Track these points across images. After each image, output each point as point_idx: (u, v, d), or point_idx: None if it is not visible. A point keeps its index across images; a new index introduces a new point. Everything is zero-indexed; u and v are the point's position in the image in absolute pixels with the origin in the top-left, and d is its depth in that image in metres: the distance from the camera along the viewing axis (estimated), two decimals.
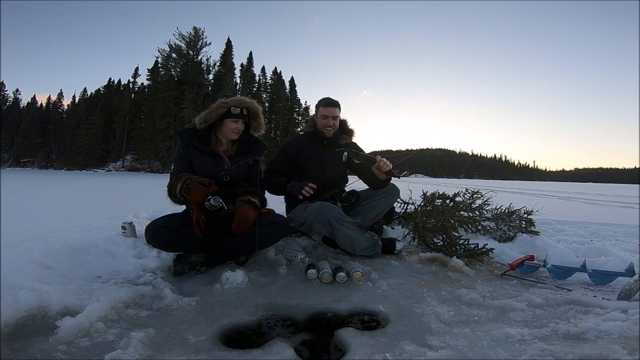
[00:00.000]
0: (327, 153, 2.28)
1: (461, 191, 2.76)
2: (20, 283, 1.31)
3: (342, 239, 2.00)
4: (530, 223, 2.79)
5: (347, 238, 1.99)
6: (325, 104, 2.28)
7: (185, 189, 1.69)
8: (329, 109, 2.26)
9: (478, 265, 2.03)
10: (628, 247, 2.47)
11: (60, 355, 1.00)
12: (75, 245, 1.85)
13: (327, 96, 2.33)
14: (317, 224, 2.03)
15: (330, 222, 1.97)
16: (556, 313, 1.36)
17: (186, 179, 1.72)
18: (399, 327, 1.24)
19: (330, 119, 2.26)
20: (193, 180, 1.70)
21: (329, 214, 1.98)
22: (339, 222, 1.98)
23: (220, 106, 1.85)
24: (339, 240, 2.02)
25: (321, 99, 2.34)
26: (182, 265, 1.74)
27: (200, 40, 32.36)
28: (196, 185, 1.69)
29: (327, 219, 1.98)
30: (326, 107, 2.27)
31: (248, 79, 40.80)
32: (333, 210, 2.01)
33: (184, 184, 1.70)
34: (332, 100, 2.28)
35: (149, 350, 1.04)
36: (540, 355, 1.02)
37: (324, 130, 2.29)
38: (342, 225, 1.98)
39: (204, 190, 1.70)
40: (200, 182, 1.70)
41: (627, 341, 1.05)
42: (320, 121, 2.29)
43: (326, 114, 2.26)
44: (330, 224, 1.98)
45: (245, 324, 1.25)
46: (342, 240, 2.01)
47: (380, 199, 2.25)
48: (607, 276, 1.73)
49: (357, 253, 2.03)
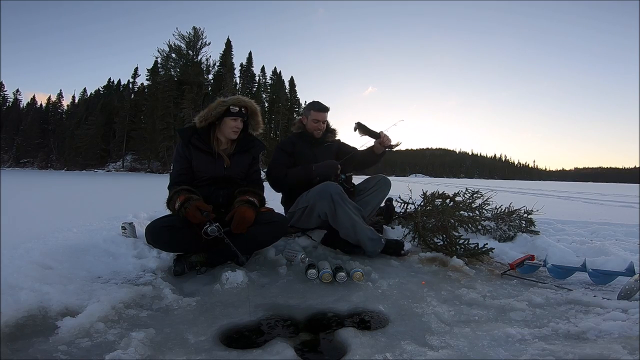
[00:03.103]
0: (317, 150, 2.40)
1: (461, 191, 2.76)
2: (20, 283, 1.31)
3: (344, 220, 1.97)
4: (531, 223, 2.79)
5: (349, 219, 1.97)
6: (318, 109, 2.40)
7: (183, 211, 1.69)
8: (321, 114, 2.40)
9: (478, 265, 2.03)
10: (628, 247, 2.47)
11: (61, 356, 1.00)
12: (75, 246, 1.85)
13: (317, 100, 2.45)
14: (320, 202, 2.01)
15: (333, 198, 1.96)
16: (556, 313, 1.36)
17: (185, 200, 1.70)
18: (399, 327, 1.24)
19: (320, 122, 2.41)
20: (191, 205, 1.68)
21: (332, 190, 1.98)
22: (342, 199, 1.98)
23: (220, 105, 1.88)
24: (341, 222, 1.99)
25: (313, 103, 2.44)
26: (182, 266, 1.74)
27: (200, 41, 32.35)
28: (194, 212, 1.67)
29: (330, 195, 1.97)
30: (318, 112, 2.40)
31: (248, 79, 40.84)
32: (336, 187, 2.01)
33: (182, 206, 1.69)
34: (323, 106, 2.42)
35: (149, 350, 1.04)
36: (540, 355, 1.01)
37: (314, 132, 2.42)
38: (345, 204, 1.97)
39: (201, 218, 1.68)
40: (198, 208, 1.68)
41: (627, 341, 1.05)
42: (311, 124, 2.41)
43: (317, 118, 2.40)
44: (333, 200, 1.96)
45: (245, 324, 1.25)
46: (344, 222, 1.98)
47: (373, 192, 2.31)
48: (607, 276, 1.73)
49: (360, 242, 2.01)
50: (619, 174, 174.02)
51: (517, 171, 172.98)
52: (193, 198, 1.73)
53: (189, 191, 1.78)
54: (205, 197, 1.84)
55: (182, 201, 1.71)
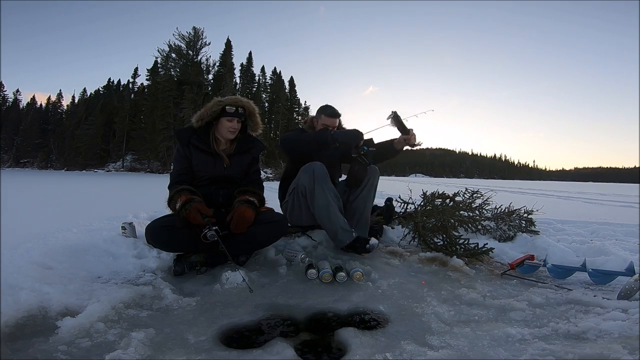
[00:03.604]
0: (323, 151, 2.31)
1: (461, 191, 2.76)
2: (20, 283, 1.31)
3: (320, 199, 1.97)
4: (530, 222, 2.79)
5: (325, 200, 1.96)
6: (329, 115, 2.33)
7: (184, 213, 1.69)
8: (331, 120, 2.32)
9: (478, 265, 2.03)
10: (628, 247, 2.47)
11: (61, 356, 1.00)
12: (75, 246, 1.85)
13: (330, 105, 2.38)
14: (302, 176, 2.03)
15: (315, 174, 1.97)
16: (556, 312, 1.36)
17: (186, 201, 1.70)
18: (399, 326, 1.24)
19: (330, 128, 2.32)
20: (192, 207, 1.68)
21: (316, 167, 1.99)
22: (324, 180, 1.98)
23: (216, 104, 1.87)
24: (316, 202, 1.98)
25: (325, 108, 2.37)
26: (182, 266, 1.73)
27: (199, 40, 32.32)
28: (195, 214, 1.67)
29: (313, 170, 1.98)
30: (329, 117, 2.32)
31: (248, 79, 40.82)
32: (322, 167, 2.01)
33: (183, 207, 1.69)
34: (335, 112, 2.35)
35: (149, 350, 1.04)
36: (540, 354, 1.02)
37: None
38: (325, 184, 1.97)
39: (202, 222, 1.67)
40: (199, 211, 1.68)
41: (627, 341, 1.05)
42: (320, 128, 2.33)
43: (327, 124, 2.31)
44: (314, 176, 1.97)
45: (245, 324, 1.26)
46: (320, 201, 1.97)
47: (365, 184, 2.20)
48: (607, 276, 1.73)
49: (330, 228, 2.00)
50: (619, 174, 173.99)
51: (517, 171, 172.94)
52: (195, 200, 1.72)
53: (190, 192, 1.78)
54: (205, 196, 1.84)
55: (183, 202, 1.71)
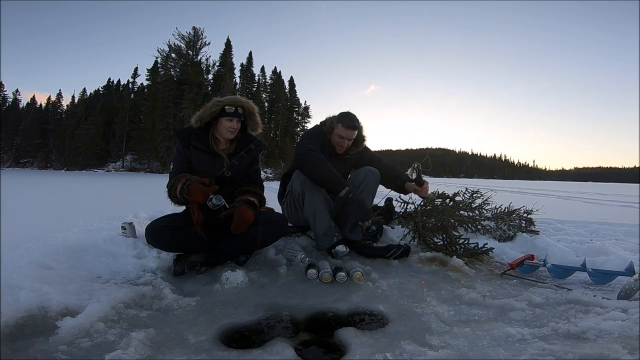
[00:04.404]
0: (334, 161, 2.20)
1: (461, 190, 2.76)
2: (20, 283, 1.31)
3: (307, 207, 2.04)
4: (530, 222, 2.79)
5: (312, 208, 2.02)
6: (347, 126, 2.14)
7: (186, 190, 1.69)
8: (348, 132, 2.15)
9: (478, 265, 2.03)
10: (628, 247, 2.47)
11: (61, 356, 1.00)
12: (75, 246, 1.85)
13: (350, 115, 2.20)
14: (295, 179, 2.09)
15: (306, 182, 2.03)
16: (556, 312, 1.36)
17: (186, 180, 1.72)
18: (399, 326, 1.24)
19: (346, 140, 2.18)
20: (193, 181, 1.70)
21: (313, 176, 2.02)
22: (313, 185, 2.03)
23: (215, 104, 1.87)
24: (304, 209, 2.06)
25: (343, 117, 2.18)
26: (182, 265, 1.74)
27: (199, 40, 32.33)
28: (196, 186, 1.69)
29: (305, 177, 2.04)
30: (346, 129, 2.14)
31: (248, 79, 40.80)
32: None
33: (184, 185, 1.70)
34: (353, 124, 2.16)
35: (149, 350, 1.04)
36: (540, 354, 1.02)
37: (336, 146, 2.23)
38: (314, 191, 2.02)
39: (205, 190, 1.70)
40: (200, 182, 1.70)
41: (627, 340, 1.05)
42: (335, 138, 2.20)
43: (343, 136, 2.16)
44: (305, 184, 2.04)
45: (245, 324, 1.26)
46: (307, 207, 2.04)
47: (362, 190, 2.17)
48: (607, 275, 1.73)
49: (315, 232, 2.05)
50: (619, 174, 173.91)
51: (517, 171, 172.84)
52: (193, 177, 1.74)
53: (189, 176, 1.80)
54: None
55: (183, 182, 1.72)
